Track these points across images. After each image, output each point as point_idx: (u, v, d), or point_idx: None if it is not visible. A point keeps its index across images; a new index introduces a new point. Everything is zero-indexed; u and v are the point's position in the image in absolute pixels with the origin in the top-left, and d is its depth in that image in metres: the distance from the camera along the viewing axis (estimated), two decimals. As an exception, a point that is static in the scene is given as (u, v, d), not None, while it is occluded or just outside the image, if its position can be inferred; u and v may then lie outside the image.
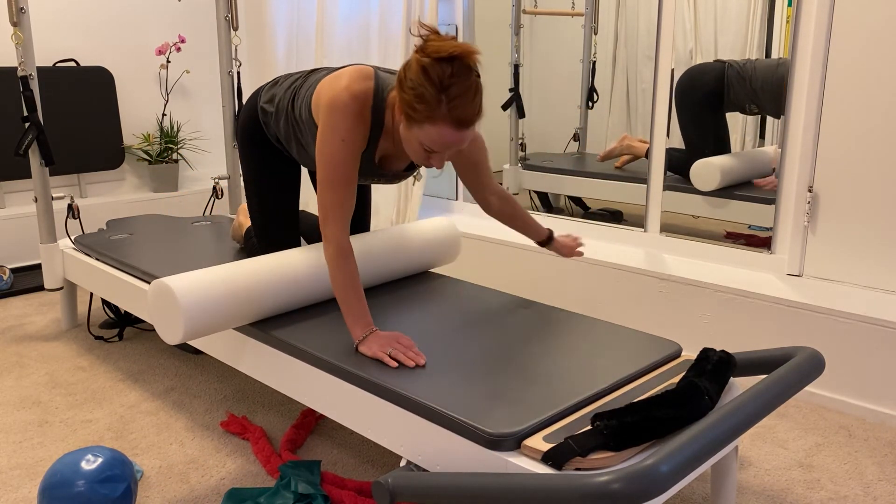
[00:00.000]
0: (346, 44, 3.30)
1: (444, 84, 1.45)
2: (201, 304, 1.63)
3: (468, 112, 1.49)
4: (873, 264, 2.15)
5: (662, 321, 2.47)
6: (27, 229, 3.44)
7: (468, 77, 1.47)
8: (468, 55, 1.47)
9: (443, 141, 1.51)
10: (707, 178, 2.55)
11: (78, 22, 3.68)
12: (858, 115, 2.09)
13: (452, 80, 1.45)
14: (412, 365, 1.52)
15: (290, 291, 1.79)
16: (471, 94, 1.48)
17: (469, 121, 1.50)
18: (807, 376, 1.35)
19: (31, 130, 2.50)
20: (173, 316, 1.63)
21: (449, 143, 1.52)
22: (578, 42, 3.03)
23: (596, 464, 1.19)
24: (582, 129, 3.11)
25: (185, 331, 1.62)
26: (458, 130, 1.50)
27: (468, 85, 1.47)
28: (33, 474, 1.78)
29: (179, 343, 1.77)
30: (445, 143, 1.52)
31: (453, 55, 1.45)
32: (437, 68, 1.45)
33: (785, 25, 2.32)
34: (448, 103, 1.46)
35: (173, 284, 1.63)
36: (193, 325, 1.63)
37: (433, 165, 1.60)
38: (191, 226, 2.76)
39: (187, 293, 1.62)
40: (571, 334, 1.71)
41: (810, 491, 1.71)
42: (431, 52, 1.46)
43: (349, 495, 1.63)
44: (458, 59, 1.46)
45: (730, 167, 2.52)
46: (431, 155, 1.57)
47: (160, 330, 1.69)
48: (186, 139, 4.09)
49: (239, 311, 1.71)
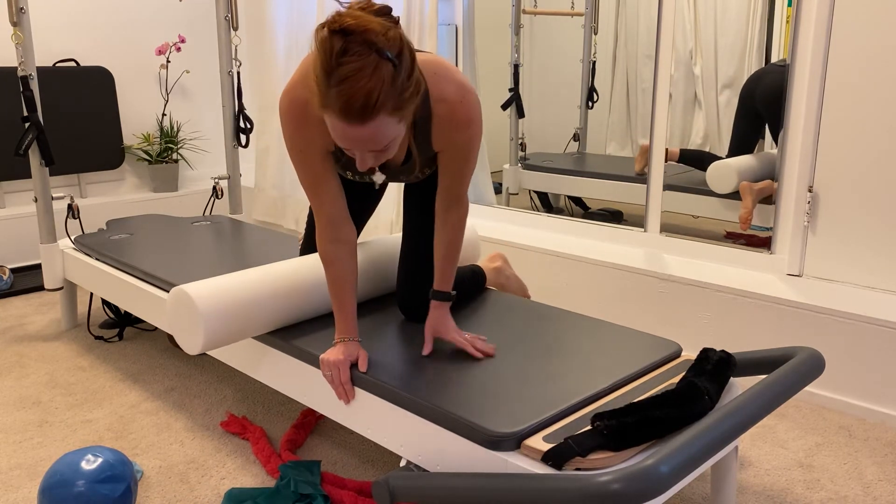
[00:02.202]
0: (346, 44, 3.30)
1: (333, 63, 1.19)
2: (223, 314, 1.59)
3: (355, 100, 1.19)
4: (873, 264, 2.15)
5: (662, 321, 2.47)
6: (27, 229, 3.44)
7: (364, 56, 1.18)
8: (365, 30, 1.18)
9: (337, 134, 1.26)
10: (724, 180, 2.54)
11: (78, 22, 3.68)
12: (858, 115, 2.09)
13: (343, 60, 1.18)
14: (339, 398, 1.55)
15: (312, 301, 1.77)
16: (363, 78, 1.18)
17: (357, 112, 1.20)
18: (807, 376, 1.35)
19: (31, 130, 2.50)
20: (194, 326, 1.59)
21: (343, 137, 1.25)
22: (578, 42, 3.03)
23: (596, 464, 1.19)
24: (582, 129, 3.11)
25: (204, 341, 1.59)
26: (348, 123, 1.22)
27: (361, 66, 1.18)
28: (33, 474, 1.78)
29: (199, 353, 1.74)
30: (341, 138, 1.26)
31: (348, 28, 1.18)
32: (328, 43, 1.19)
33: (785, 26, 2.32)
34: (336, 87, 1.19)
35: (194, 293, 1.58)
36: (214, 335, 1.60)
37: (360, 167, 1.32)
38: (191, 226, 2.76)
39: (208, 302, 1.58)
40: (571, 334, 1.71)
41: (810, 491, 1.71)
42: (330, 23, 1.20)
43: (349, 495, 1.63)
44: (354, 34, 1.18)
45: (747, 168, 2.50)
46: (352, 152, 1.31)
47: (179, 339, 1.66)
48: (186, 139, 4.09)
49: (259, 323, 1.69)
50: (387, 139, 1.27)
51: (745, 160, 2.50)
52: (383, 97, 1.20)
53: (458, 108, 1.46)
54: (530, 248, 2.79)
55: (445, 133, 1.49)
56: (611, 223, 2.83)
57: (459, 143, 1.49)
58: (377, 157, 1.32)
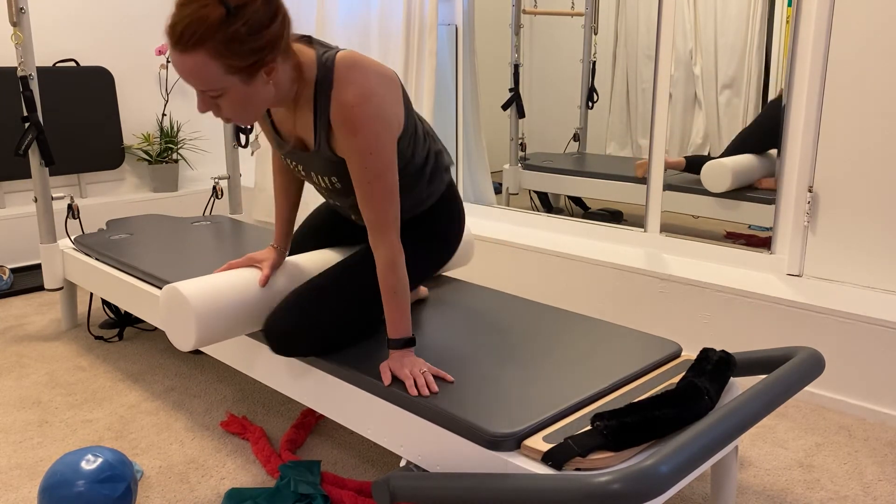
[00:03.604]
0: (346, 44, 3.30)
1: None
2: (215, 311, 1.59)
3: (177, 25, 1.27)
4: (873, 264, 2.15)
5: (662, 321, 2.47)
6: (27, 229, 3.44)
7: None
8: None
9: (171, 60, 1.33)
10: (719, 179, 2.54)
11: (78, 22, 3.68)
12: (858, 115, 2.09)
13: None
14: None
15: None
16: (191, 8, 1.26)
17: (176, 37, 1.27)
18: (807, 376, 1.35)
19: (31, 130, 2.50)
20: (186, 322, 1.60)
21: (173, 63, 1.32)
22: (578, 42, 3.03)
23: (596, 464, 1.19)
24: (582, 129, 3.11)
25: (197, 337, 1.59)
26: (172, 48, 1.30)
27: (197, 0, 1.27)
28: (33, 474, 1.78)
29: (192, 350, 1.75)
30: (173, 63, 1.33)
31: None
32: None
33: (785, 25, 2.32)
34: (173, 10, 1.29)
35: (186, 291, 1.58)
36: (207, 331, 1.60)
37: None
38: (191, 226, 2.76)
39: (200, 300, 1.58)
40: (571, 334, 1.71)
41: (810, 491, 1.71)
42: None
43: (349, 495, 1.63)
44: None
45: (742, 168, 2.51)
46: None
47: (172, 336, 1.66)
48: (186, 139, 4.09)
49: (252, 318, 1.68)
50: (210, 83, 1.31)
51: (741, 160, 2.51)
52: (203, 33, 1.25)
53: (348, 113, 1.39)
54: (530, 248, 2.79)
55: (341, 136, 1.43)
56: (611, 223, 2.83)
57: (350, 152, 1.42)
58: (217, 108, 1.36)
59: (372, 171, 1.42)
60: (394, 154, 1.45)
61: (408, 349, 1.51)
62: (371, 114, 1.39)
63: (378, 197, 1.45)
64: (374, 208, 1.46)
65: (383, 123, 1.42)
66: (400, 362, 1.48)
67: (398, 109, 1.47)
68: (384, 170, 1.43)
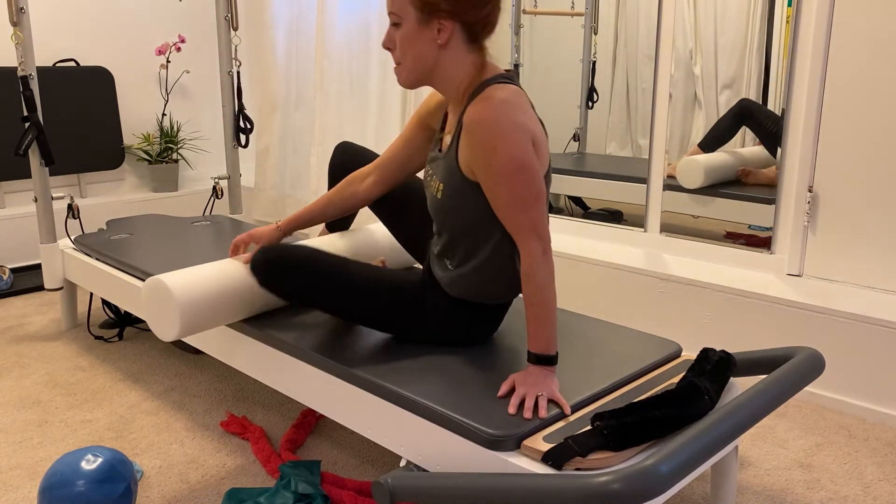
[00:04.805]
0: (346, 44, 3.30)
1: None
2: (197, 300, 1.63)
3: None
4: (873, 264, 2.15)
5: (662, 321, 2.47)
6: (27, 229, 3.44)
7: None
8: None
9: None
10: (692, 175, 2.55)
11: (78, 22, 3.68)
12: (858, 115, 2.09)
13: None
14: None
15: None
16: None
17: None
18: (807, 376, 1.35)
19: (31, 130, 2.50)
20: (169, 312, 1.62)
21: None
22: (578, 42, 3.03)
23: (596, 464, 1.19)
24: (582, 129, 3.11)
25: (181, 327, 1.61)
26: None
27: None
28: (33, 474, 1.78)
29: (175, 340, 1.77)
30: None
31: None
32: None
33: (785, 25, 2.32)
34: None
35: (168, 280, 1.62)
36: (190, 320, 1.62)
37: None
38: (191, 226, 2.76)
39: (182, 289, 1.62)
40: (571, 334, 1.71)
41: (810, 491, 1.71)
42: None
43: (349, 495, 1.63)
44: None
45: (715, 165, 2.52)
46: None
47: (154, 327, 1.68)
48: (186, 139, 4.09)
49: (235, 306, 1.71)
50: (395, 3, 1.43)
51: (714, 157, 2.53)
52: None
53: (472, 113, 1.38)
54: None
55: (465, 144, 1.42)
56: (611, 223, 2.83)
57: (475, 145, 1.39)
58: (393, 44, 1.47)
59: (500, 165, 1.37)
60: (533, 160, 1.39)
61: (542, 367, 1.40)
62: (494, 112, 1.37)
63: (515, 196, 1.39)
64: (512, 208, 1.40)
65: (509, 123, 1.38)
66: (525, 380, 1.39)
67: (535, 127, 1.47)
68: (516, 170, 1.37)
